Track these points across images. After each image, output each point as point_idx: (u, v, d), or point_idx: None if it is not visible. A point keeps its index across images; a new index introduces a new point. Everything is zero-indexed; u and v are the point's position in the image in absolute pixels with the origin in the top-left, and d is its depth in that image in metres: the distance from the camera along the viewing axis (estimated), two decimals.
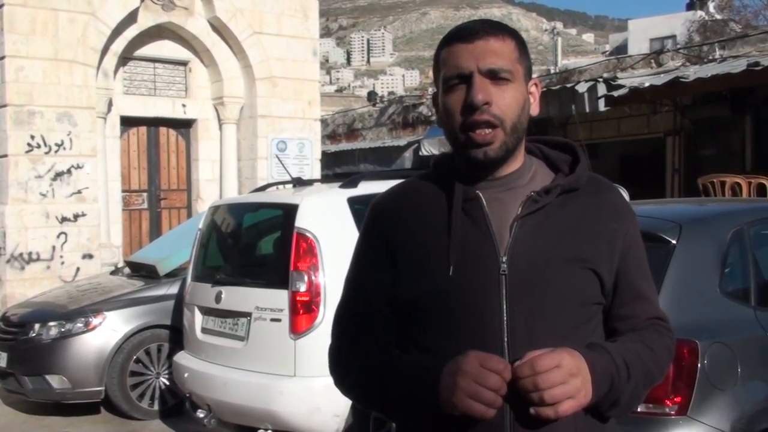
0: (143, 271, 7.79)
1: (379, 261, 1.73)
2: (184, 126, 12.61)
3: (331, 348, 1.81)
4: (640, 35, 31.63)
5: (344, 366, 1.77)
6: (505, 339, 1.58)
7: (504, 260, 1.60)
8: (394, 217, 1.73)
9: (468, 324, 1.60)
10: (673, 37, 27.73)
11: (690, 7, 29.35)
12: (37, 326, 6.95)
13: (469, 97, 1.57)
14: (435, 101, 1.71)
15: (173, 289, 7.04)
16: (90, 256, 10.77)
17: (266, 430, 5.34)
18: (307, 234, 5.19)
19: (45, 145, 10.47)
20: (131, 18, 11.35)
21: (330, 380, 1.81)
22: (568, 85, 12.50)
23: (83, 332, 6.81)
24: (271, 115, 12.46)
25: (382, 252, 1.72)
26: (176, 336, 6.68)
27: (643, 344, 1.66)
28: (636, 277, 1.72)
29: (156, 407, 6.99)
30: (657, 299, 1.79)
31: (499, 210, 1.64)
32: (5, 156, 10.28)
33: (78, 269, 10.60)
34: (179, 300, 6.72)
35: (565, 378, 1.46)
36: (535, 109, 1.69)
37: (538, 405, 1.46)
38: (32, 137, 10.38)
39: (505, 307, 1.59)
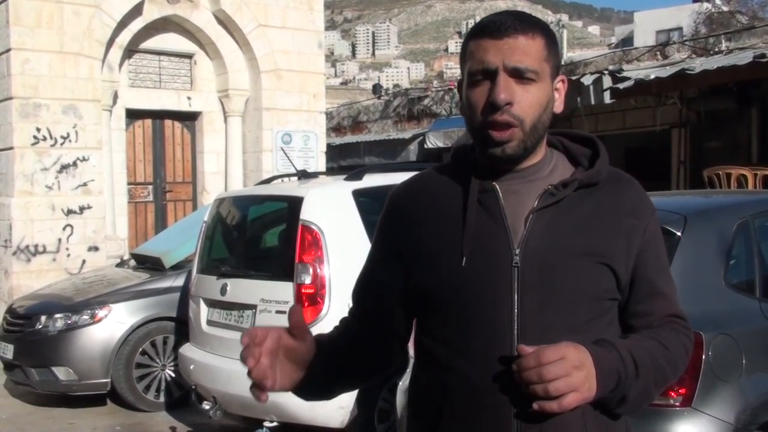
0: (149, 264, 7.81)
1: (390, 251, 1.74)
2: (189, 119, 12.61)
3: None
4: (646, 27, 31.58)
5: None
6: (515, 332, 1.57)
7: (517, 253, 1.59)
8: (410, 208, 1.73)
9: (479, 316, 1.60)
10: (680, 29, 27.66)
11: None
12: (43, 318, 6.97)
13: (491, 95, 1.55)
14: (459, 89, 1.69)
15: (179, 282, 7.06)
16: (96, 249, 10.79)
17: (271, 422, 5.36)
18: (312, 226, 5.20)
19: (51, 137, 10.48)
20: (136, 10, 11.35)
21: None
22: (574, 78, 12.47)
23: (89, 324, 6.83)
24: (276, 108, 12.46)
25: (394, 242, 1.73)
26: (182, 328, 6.70)
27: (656, 342, 1.63)
28: (654, 274, 1.69)
29: (162, 399, 7.01)
30: (676, 296, 1.75)
31: (515, 202, 1.63)
32: (11, 148, 10.30)
33: (84, 261, 10.62)
34: (185, 292, 6.74)
35: (569, 370, 1.45)
36: (559, 107, 1.67)
37: (542, 398, 1.45)
38: (38, 130, 10.39)
39: (516, 300, 1.58)
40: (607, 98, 11.52)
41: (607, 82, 11.44)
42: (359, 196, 5.52)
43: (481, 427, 1.57)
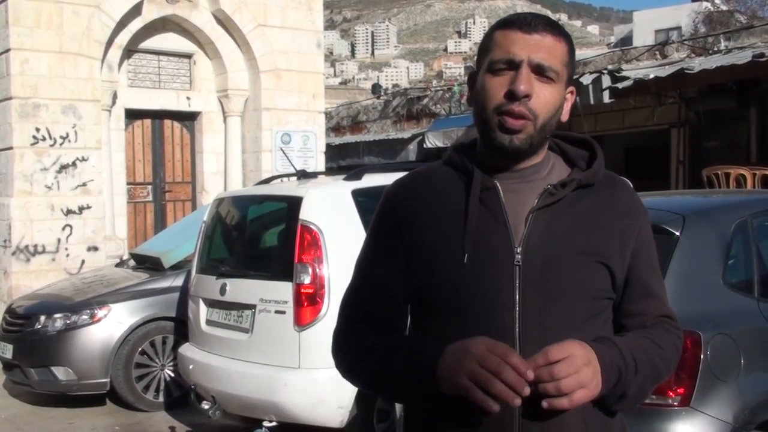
0: (148, 264, 7.82)
1: (391, 248, 1.73)
2: (188, 119, 12.61)
3: (335, 330, 1.81)
4: (645, 27, 31.59)
5: (345, 348, 1.76)
6: (517, 330, 1.59)
7: (518, 251, 1.61)
8: (409, 204, 1.73)
9: (480, 314, 1.61)
10: (679, 28, 27.66)
11: None
12: (42, 318, 6.98)
13: (513, 84, 1.59)
14: (471, 79, 1.72)
15: (178, 281, 7.06)
16: (95, 249, 10.79)
17: (270, 421, 5.37)
18: (312, 226, 5.21)
19: (50, 137, 10.48)
20: (136, 10, 11.34)
21: (334, 372, 1.81)
22: (573, 77, 12.46)
23: (89, 324, 6.84)
24: (276, 108, 12.46)
25: (395, 239, 1.72)
26: (181, 328, 6.71)
27: (650, 341, 1.67)
28: (646, 275, 1.73)
29: (161, 399, 7.02)
30: (666, 297, 1.79)
31: (515, 201, 1.65)
32: (11, 148, 10.30)
33: (83, 261, 10.62)
34: (184, 292, 6.74)
35: (578, 368, 1.47)
36: (565, 116, 1.71)
37: (553, 396, 1.46)
38: (37, 130, 10.39)
39: (517, 297, 1.59)
40: (606, 98, 11.50)
41: (606, 81, 11.43)
42: (358, 195, 5.53)
43: (483, 427, 1.57)
